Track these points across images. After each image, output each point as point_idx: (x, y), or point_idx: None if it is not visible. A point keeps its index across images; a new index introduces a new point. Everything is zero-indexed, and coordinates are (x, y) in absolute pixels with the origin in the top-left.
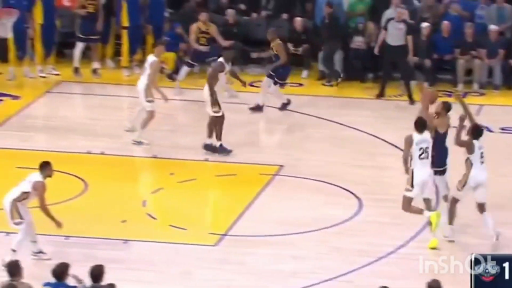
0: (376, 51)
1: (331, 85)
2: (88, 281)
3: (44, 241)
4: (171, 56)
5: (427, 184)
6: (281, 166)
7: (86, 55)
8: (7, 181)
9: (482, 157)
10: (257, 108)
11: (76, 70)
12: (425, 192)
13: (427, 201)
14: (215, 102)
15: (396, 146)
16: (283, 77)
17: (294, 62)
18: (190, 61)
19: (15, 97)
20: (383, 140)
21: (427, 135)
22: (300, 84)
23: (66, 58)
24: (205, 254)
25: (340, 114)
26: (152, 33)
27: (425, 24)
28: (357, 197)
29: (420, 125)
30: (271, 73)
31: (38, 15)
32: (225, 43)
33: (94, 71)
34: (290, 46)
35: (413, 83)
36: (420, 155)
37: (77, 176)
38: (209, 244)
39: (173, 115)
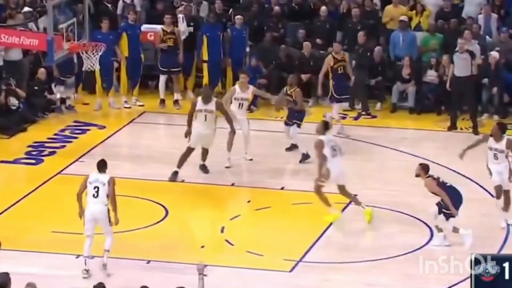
0: (447, 86)
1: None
2: None
3: (127, 265)
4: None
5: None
6: (355, 195)
7: (168, 87)
8: None
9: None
10: (303, 157)
11: (162, 102)
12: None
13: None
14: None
15: (467, 177)
16: (300, 119)
17: (368, 94)
18: None
19: (101, 127)
20: (454, 171)
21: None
22: (374, 116)
23: (149, 89)
24: (280, 279)
25: (413, 146)
26: (232, 66)
27: (493, 53)
28: (428, 226)
29: (324, 127)
30: (289, 122)
31: (124, 49)
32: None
33: (176, 102)
34: (366, 77)
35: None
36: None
37: (158, 203)
38: (284, 270)
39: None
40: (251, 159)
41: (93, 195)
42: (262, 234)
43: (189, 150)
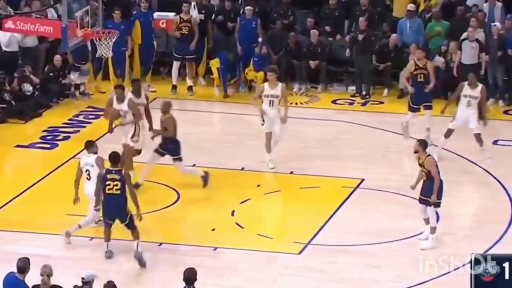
0: (454, 72)
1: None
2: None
3: (140, 246)
4: (260, 75)
5: None
6: (363, 179)
7: (179, 74)
8: None
9: None
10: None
11: (174, 87)
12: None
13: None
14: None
15: (472, 161)
16: (177, 152)
17: (375, 80)
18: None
19: None
20: (459, 155)
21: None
22: (381, 102)
23: (161, 76)
24: (290, 262)
25: (419, 131)
26: (242, 56)
27: (497, 23)
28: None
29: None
30: (160, 150)
31: (137, 36)
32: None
33: (189, 88)
34: (374, 61)
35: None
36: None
37: (170, 187)
38: (293, 253)
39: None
40: (272, 168)
41: (86, 178)
42: (272, 217)
43: None
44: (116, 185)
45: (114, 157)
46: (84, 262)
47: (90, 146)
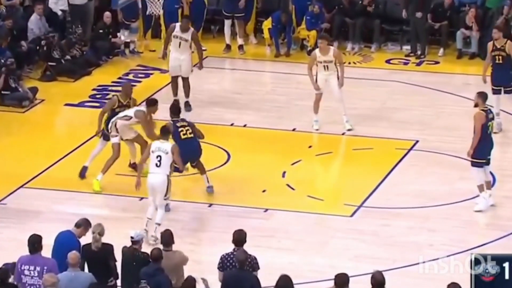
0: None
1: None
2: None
3: (189, 208)
4: (312, 34)
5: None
6: (417, 141)
7: (231, 33)
8: None
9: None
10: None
11: (228, 47)
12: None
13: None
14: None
15: None
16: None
17: (431, 39)
18: None
19: (164, 71)
20: None
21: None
22: (437, 62)
23: (212, 34)
24: (341, 224)
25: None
26: (295, 14)
27: None
28: (491, 173)
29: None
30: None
31: None
32: None
33: (240, 47)
34: (430, 20)
35: None
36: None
37: (220, 147)
38: (345, 215)
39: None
40: (317, 129)
41: (156, 164)
42: (323, 179)
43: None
44: (188, 129)
45: (174, 108)
46: (133, 223)
47: (166, 132)
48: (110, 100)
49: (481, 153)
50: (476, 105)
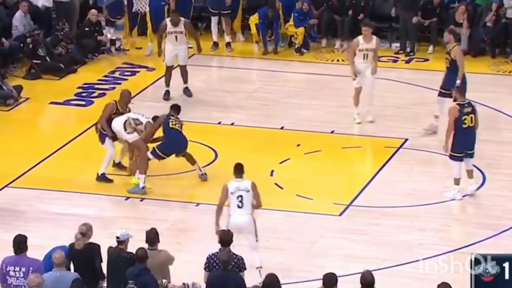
0: None
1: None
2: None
3: (177, 207)
4: (300, 31)
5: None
6: (406, 139)
7: (219, 30)
8: None
9: None
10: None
11: (215, 44)
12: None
13: None
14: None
15: None
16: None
17: (420, 36)
18: None
19: (151, 69)
20: (507, 115)
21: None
22: (426, 59)
23: (199, 31)
24: (330, 223)
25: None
26: (282, 11)
27: None
28: (480, 171)
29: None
30: None
31: None
32: None
33: (228, 44)
34: (419, 17)
35: None
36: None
37: (208, 146)
38: (334, 214)
39: (299, 88)
40: (359, 122)
41: (238, 205)
42: (312, 177)
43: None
44: (178, 123)
45: (176, 106)
46: (120, 222)
47: (240, 170)
48: (108, 106)
49: (458, 146)
50: (455, 99)
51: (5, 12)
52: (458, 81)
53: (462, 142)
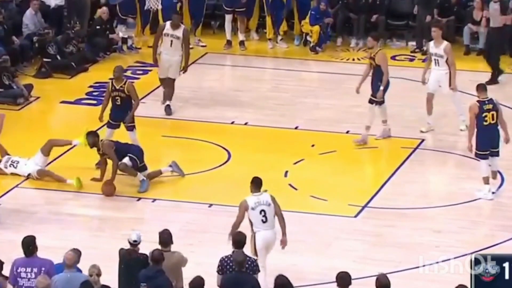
0: None
1: None
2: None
3: (188, 208)
4: (315, 29)
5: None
6: (423, 140)
7: (232, 28)
8: (153, 149)
9: None
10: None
11: (228, 43)
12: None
13: None
14: None
15: None
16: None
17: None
18: None
19: None
20: None
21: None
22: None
23: (212, 29)
24: (345, 225)
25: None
26: (297, 7)
27: None
28: (499, 172)
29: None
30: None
31: None
32: None
33: (241, 43)
34: (435, 14)
35: None
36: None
37: (221, 146)
38: (349, 216)
39: (314, 87)
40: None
41: (262, 220)
42: (327, 178)
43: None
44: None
45: None
46: (131, 223)
47: (259, 184)
48: (107, 88)
49: (481, 144)
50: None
51: (16, 10)
52: (381, 87)
53: (485, 140)
